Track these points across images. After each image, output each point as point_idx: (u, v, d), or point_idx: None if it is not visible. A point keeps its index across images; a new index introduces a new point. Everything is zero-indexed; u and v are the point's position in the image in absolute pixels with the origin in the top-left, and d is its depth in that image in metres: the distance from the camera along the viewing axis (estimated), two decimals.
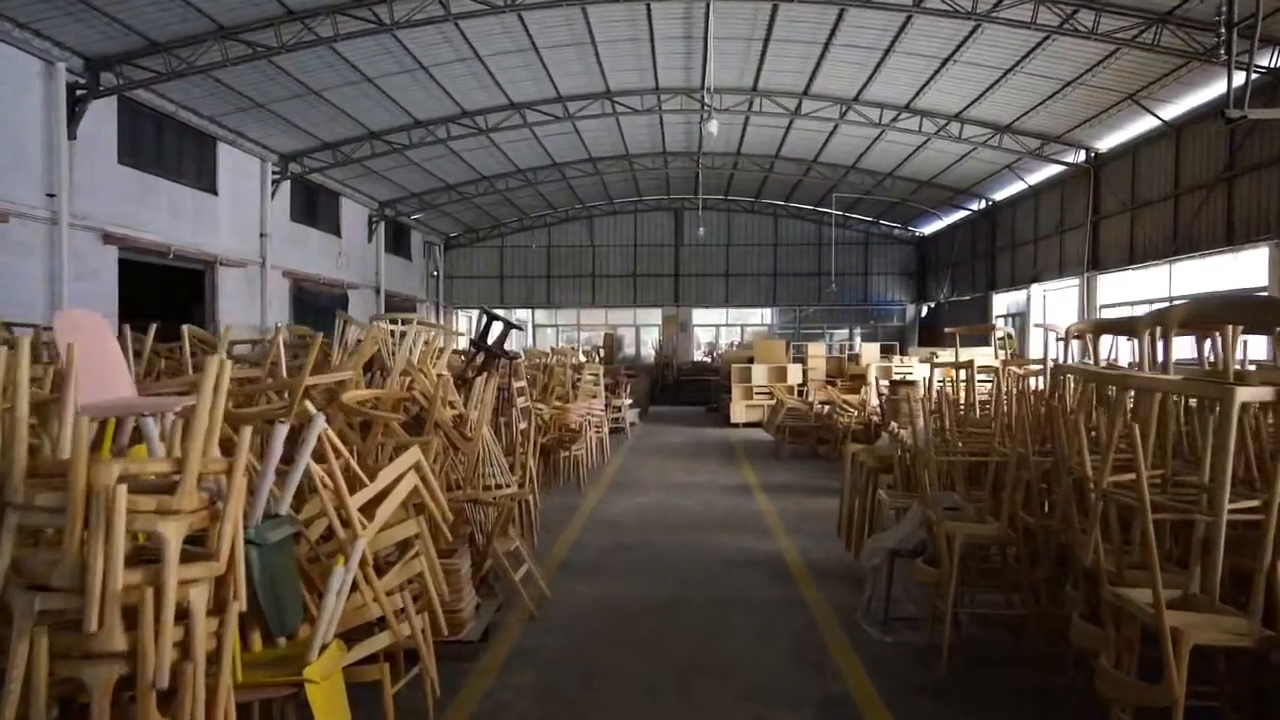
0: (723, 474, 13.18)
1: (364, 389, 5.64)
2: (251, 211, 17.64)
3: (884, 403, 12.72)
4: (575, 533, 8.85)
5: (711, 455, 15.50)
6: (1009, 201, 22.52)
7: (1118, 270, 16.93)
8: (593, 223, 31.34)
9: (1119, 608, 3.64)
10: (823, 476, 12.86)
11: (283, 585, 3.50)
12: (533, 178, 24.56)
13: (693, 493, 11.43)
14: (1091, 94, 15.05)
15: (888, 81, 16.64)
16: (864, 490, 7.47)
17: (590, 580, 7.01)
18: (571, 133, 20.95)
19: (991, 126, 17.82)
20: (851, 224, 30.35)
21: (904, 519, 6.03)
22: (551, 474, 11.50)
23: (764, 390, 20.59)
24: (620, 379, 20.36)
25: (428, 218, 27.49)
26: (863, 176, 24.01)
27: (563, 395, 16.25)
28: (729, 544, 8.36)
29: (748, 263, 31.16)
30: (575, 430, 12.20)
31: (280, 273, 18.86)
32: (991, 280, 23.67)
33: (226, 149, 16.52)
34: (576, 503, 10.52)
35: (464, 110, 18.13)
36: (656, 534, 8.86)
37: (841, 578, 7.04)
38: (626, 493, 11.37)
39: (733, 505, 10.55)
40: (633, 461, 14.52)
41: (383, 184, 22.77)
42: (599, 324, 32.79)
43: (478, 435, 6.17)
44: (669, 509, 10.24)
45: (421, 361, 6.69)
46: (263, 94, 15.06)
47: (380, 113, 17.37)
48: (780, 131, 21.19)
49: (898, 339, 29.06)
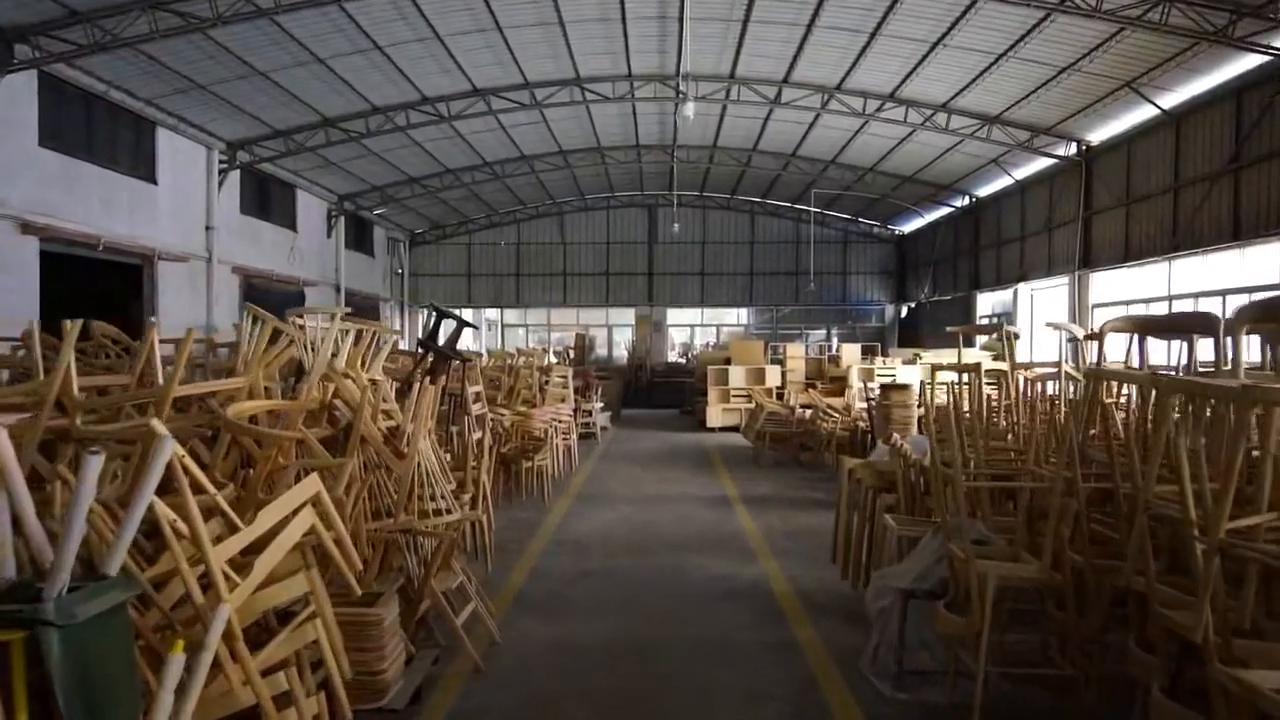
0: (699, 484, 12.26)
1: (266, 399, 4.64)
2: (196, 203, 16.48)
3: (873, 408, 11.86)
4: (535, 557, 7.87)
5: (687, 463, 14.58)
6: (994, 198, 21.78)
7: (1111, 268, 16.20)
8: (564, 219, 30.33)
9: (1231, 690, 2.75)
10: (807, 487, 11.97)
11: (102, 682, 2.49)
12: (500, 171, 23.51)
13: (667, 506, 10.50)
14: (1087, 81, 14.28)
15: (873, 68, 15.80)
16: (863, 511, 6.56)
17: (549, 618, 6.04)
18: (540, 122, 19.94)
19: (980, 117, 17.03)
20: (830, 222, 29.56)
21: (917, 551, 5.12)
22: (513, 486, 10.51)
23: (742, 393, 19.71)
24: (591, 381, 19.40)
25: (391, 213, 26.35)
26: (843, 172, 23.19)
27: (529, 399, 15.34)
28: (708, 569, 7.43)
29: (724, 261, 30.28)
30: (540, 438, 11.22)
31: (229, 268, 17.71)
32: (975, 279, 22.94)
33: (167, 135, 15.36)
34: (539, 519, 9.54)
35: (424, 96, 17.07)
36: (627, 557, 7.91)
37: (839, 613, 6.13)
38: (595, 506, 10.40)
39: (711, 521, 9.62)
40: (603, 470, 13.56)
41: (341, 176, 21.64)
42: (570, 324, 31.80)
43: (413, 452, 5.19)
44: (641, 526, 9.29)
45: (349, 364, 5.69)
46: (204, 74, 13.93)
47: (334, 98, 16.28)
48: (759, 123, 20.32)
49: (877, 340, 28.29)
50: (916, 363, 20.41)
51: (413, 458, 5.14)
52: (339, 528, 3.45)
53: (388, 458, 5.11)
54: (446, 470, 6.43)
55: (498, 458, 10.29)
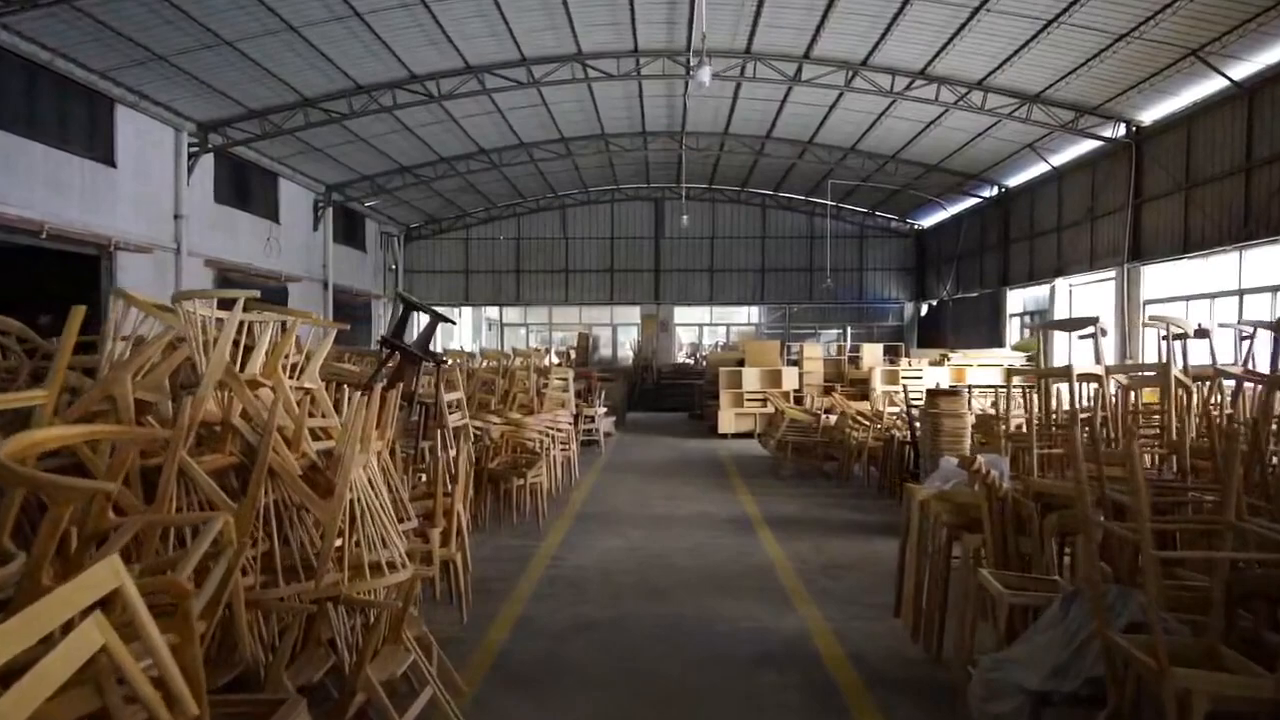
0: (715, 501, 10.83)
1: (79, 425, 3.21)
2: (163, 189, 15.09)
3: (914, 417, 10.41)
4: (523, 601, 6.44)
5: (699, 474, 13.15)
6: (1026, 187, 20.31)
7: (1166, 260, 14.73)
8: (566, 213, 28.91)
9: None
10: (838, 506, 10.54)
11: None
12: (498, 160, 22.09)
13: (680, 530, 9.07)
14: (1145, 51, 12.81)
15: (903, 40, 14.35)
16: (938, 554, 5.14)
17: (537, 697, 4.62)
18: (539, 105, 18.52)
19: (1019, 96, 15.56)
20: (845, 215, 28.10)
21: (1041, 625, 3.69)
22: (503, 507, 9.09)
23: (756, 397, 18.28)
24: (594, 383, 17.97)
25: (384, 205, 24.95)
26: (862, 160, 21.73)
27: (526, 404, 13.98)
28: (735, 619, 6.00)
29: (734, 257, 28.83)
30: (533, 451, 9.80)
31: (201, 261, 16.32)
32: (1004, 275, 21.47)
33: (128, 113, 13.96)
34: (531, 548, 8.11)
35: (412, 73, 15.66)
36: (634, 600, 6.49)
37: (914, 691, 4.70)
38: (597, 530, 8.98)
39: (733, 550, 8.19)
40: (606, 484, 12.14)
41: (328, 164, 20.24)
42: (573, 323, 30.41)
43: (342, 488, 3.77)
44: (650, 557, 7.86)
45: (269, 368, 4.28)
46: (162, 43, 12.51)
47: (312, 74, 14.86)
48: (774, 106, 18.88)
49: (895, 339, 26.83)
50: (945, 364, 19.01)
51: (341, 497, 3.72)
52: (157, 645, 2.02)
53: (305, 497, 3.69)
54: (402, 505, 5.02)
55: (485, 475, 8.88)
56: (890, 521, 9.49)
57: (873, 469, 12.23)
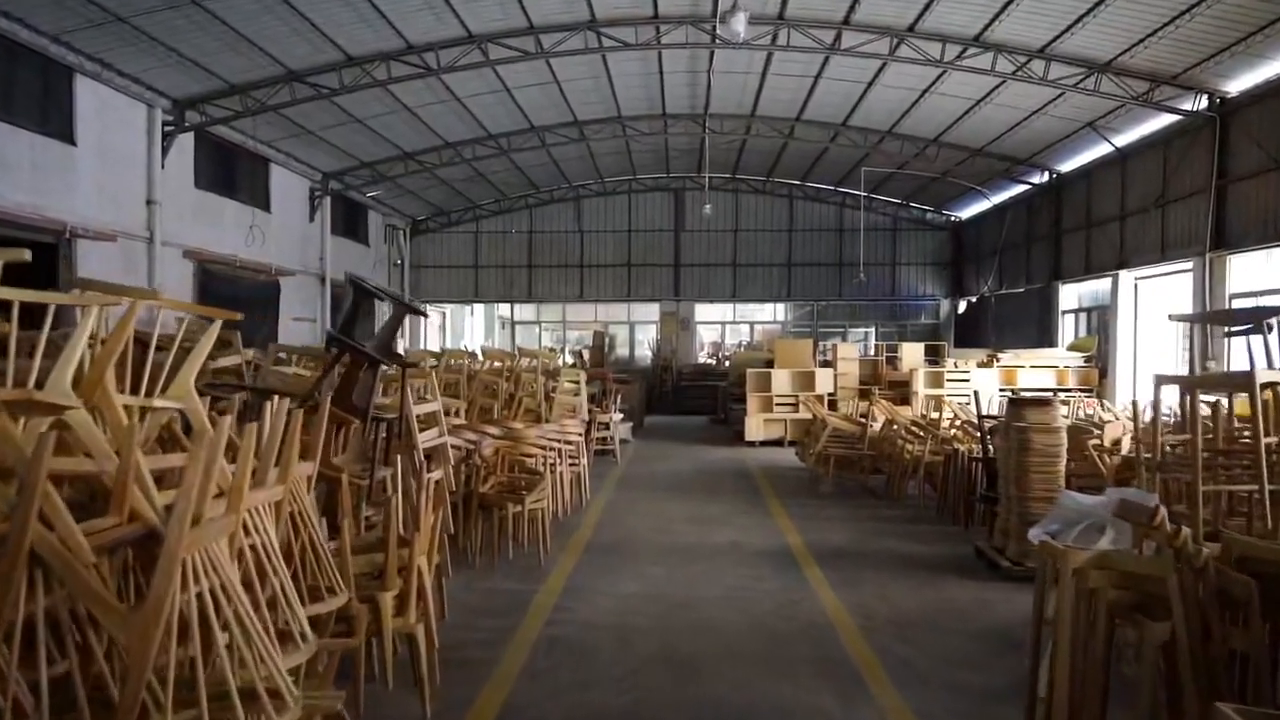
0: (748, 526, 9.26)
1: None
2: (133, 171, 13.65)
3: (985, 430, 8.77)
4: (509, 681, 4.88)
5: (728, 490, 11.59)
6: (1082, 171, 18.55)
7: (1257, 248, 12.99)
8: (581, 204, 27.33)
9: None
10: (893, 532, 8.95)
11: None
12: (507, 145, 20.54)
13: (709, 566, 7.52)
14: (1237, 7, 11.11)
15: (956, 1, 12.72)
16: (1098, 642, 3.55)
17: None
18: (550, 83, 16.97)
19: (1086, 65, 13.85)
20: (877, 207, 26.37)
21: None
22: (498, 537, 7.53)
23: (786, 401, 16.69)
24: (609, 385, 16.40)
25: (387, 195, 23.47)
26: (900, 144, 20.04)
27: (534, 409, 12.47)
28: (791, 711, 4.45)
29: (758, 251, 27.16)
30: (534, 471, 8.25)
31: (180, 251, 14.88)
32: (1056, 268, 19.71)
33: (90, 85, 12.51)
34: (528, 594, 6.56)
35: (409, 43, 14.14)
36: (655, 676, 4.94)
37: None
38: (609, 567, 7.43)
39: (778, 597, 6.62)
40: (621, 503, 10.58)
41: (323, 149, 18.77)
42: (588, 321, 28.86)
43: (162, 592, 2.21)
44: (674, 608, 6.29)
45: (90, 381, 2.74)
46: (123, 3, 11.01)
47: (297, 43, 13.36)
48: (807, 83, 17.25)
49: (929, 338, 25.10)
50: (994, 365, 17.36)
51: (160, 602, 2.16)
52: None
53: (94, 602, 2.15)
54: (327, 572, 3.48)
55: (475, 501, 7.35)
56: (958, 555, 7.92)
57: (927, 487, 10.63)
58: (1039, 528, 5.13)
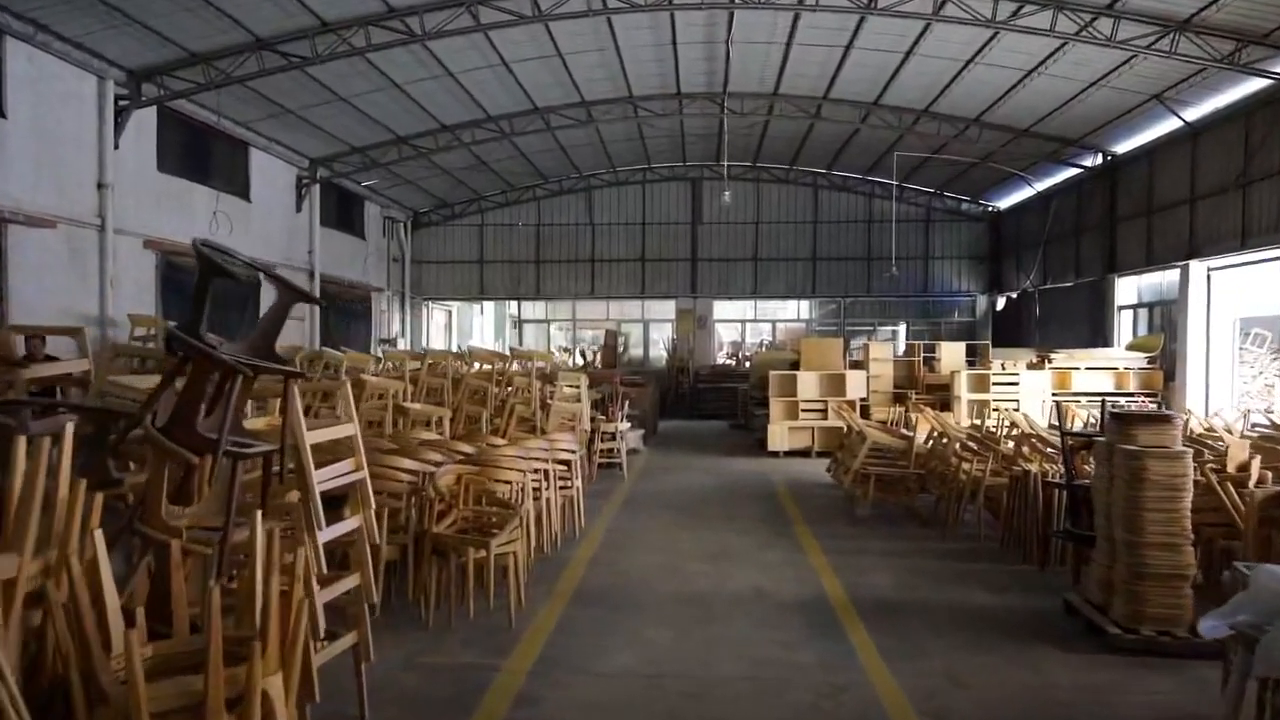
0: (776, 565, 7.59)
1: None
2: (79, 150, 12.15)
3: (1065, 448, 7.05)
4: None
5: (750, 514, 9.91)
6: (1143, 152, 16.70)
7: None
8: (591, 195, 25.68)
9: None
10: (950, 574, 7.26)
11: None
12: (509, 127, 18.94)
13: (727, 627, 5.86)
14: None
15: None
16: None
17: None
18: (553, 55, 15.34)
19: (1162, 22, 12.08)
20: (909, 196, 24.57)
21: None
22: (454, 586, 5.90)
23: (814, 407, 15.00)
24: (617, 389, 14.75)
25: (384, 185, 21.94)
26: (938, 124, 18.27)
27: (528, 418, 11.01)
28: None
29: (781, 244, 25.40)
30: (506, 503, 6.62)
31: (139, 242, 13.41)
32: (1110, 260, 17.86)
33: (20, 47, 10.99)
34: (486, 672, 4.93)
35: (389, 5, 12.57)
36: None
37: None
38: (599, 628, 5.79)
39: (815, 679, 4.96)
40: (624, 531, 8.93)
41: (308, 131, 17.24)
42: (600, 319, 27.26)
43: None
44: (683, 698, 4.62)
45: None
46: None
47: (260, 2, 11.80)
48: (836, 54, 15.52)
49: (965, 337, 23.24)
50: (1045, 367, 15.58)
51: None
52: None
53: None
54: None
55: (428, 544, 5.75)
56: (1041, 611, 6.25)
57: (986, 515, 8.94)
58: (1218, 617, 3.46)
